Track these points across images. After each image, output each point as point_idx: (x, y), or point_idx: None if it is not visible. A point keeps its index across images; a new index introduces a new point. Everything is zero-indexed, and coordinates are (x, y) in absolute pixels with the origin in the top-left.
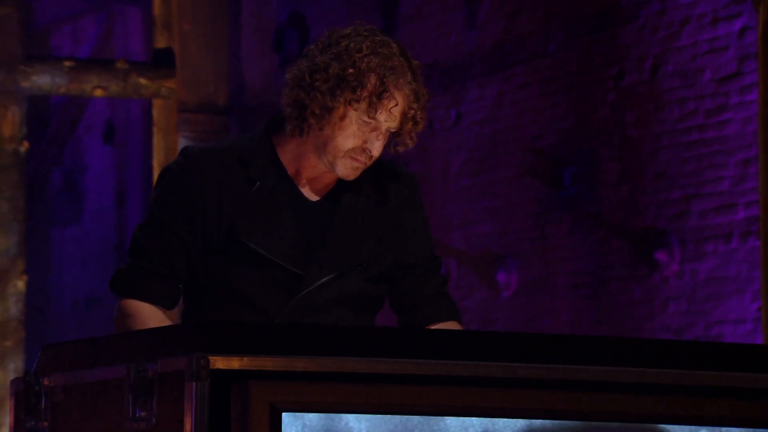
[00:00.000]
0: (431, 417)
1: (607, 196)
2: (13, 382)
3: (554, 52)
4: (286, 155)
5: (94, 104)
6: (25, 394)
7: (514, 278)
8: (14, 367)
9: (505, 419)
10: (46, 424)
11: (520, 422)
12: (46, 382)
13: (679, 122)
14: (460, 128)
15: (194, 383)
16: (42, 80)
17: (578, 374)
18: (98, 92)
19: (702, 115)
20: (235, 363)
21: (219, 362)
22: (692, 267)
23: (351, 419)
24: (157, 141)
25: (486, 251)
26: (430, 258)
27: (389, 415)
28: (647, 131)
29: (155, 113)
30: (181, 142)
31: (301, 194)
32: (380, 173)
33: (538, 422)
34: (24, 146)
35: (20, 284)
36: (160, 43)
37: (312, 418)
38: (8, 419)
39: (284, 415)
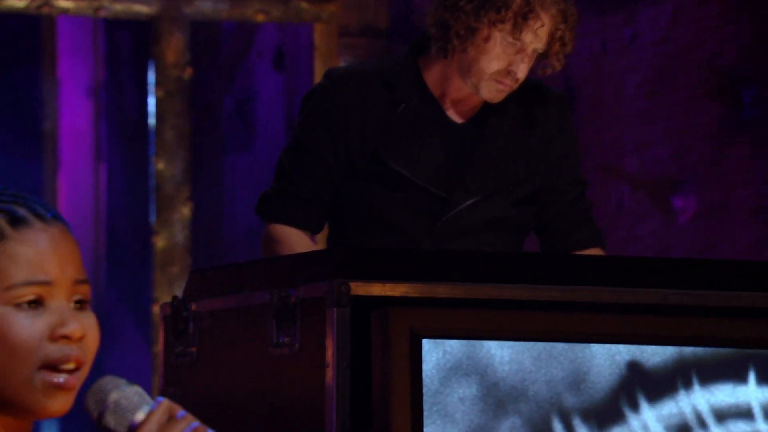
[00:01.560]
0: (576, 344)
1: None
2: (162, 307)
3: None
4: (432, 77)
5: (265, 30)
6: (173, 320)
7: (691, 203)
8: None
9: (653, 346)
10: (194, 349)
11: (669, 350)
12: (193, 307)
13: None
14: (635, 48)
15: (335, 309)
16: (204, 6)
17: (732, 300)
18: (260, 17)
19: None
20: (375, 289)
21: (360, 288)
22: None
23: (493, 346)
24: (319, 66)
25: (661, 176)
26: (578, 182)
27: (533, 343)
28: None
29: (316, 38)
30: None
31: (447, 117)
32: (528, 94)
33: (688, 350)
34: (187, 72)
35: (186, 211)
36: None
37: (453, 344)
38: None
39: (424, 341)
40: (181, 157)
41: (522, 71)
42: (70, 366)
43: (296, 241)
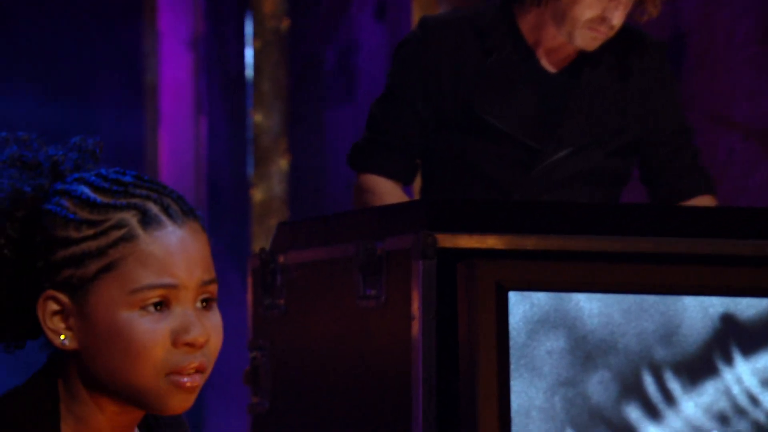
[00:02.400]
0: (668, 297)
1: None
2: (251, 259)
3: None
4: (526, 25)
5: None
6: (261, 272)
7: None
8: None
9: (748, 299)
10: (281, 301)
11: (765, 302)
12: (281, 259)
13: None
14: None
15: (421, 262)
16: None
17: None
18: None
19: None
20: (462, 241)
21: (446, 240)
22: None
23: (582, 299)
24: (417, 16)
25: None
26: (681, 130)
27: (623, 295)
28: None
29: None
30: None
31: (540, 66)
32: (625, 43)
33: None
34: (285, 23)
35: (283, 163)
36: None
37: (540, 297)
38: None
39: (511, 294)
40: (278, 109)
41: (617, 18)
42: (192, 372)
43: (386, 191)
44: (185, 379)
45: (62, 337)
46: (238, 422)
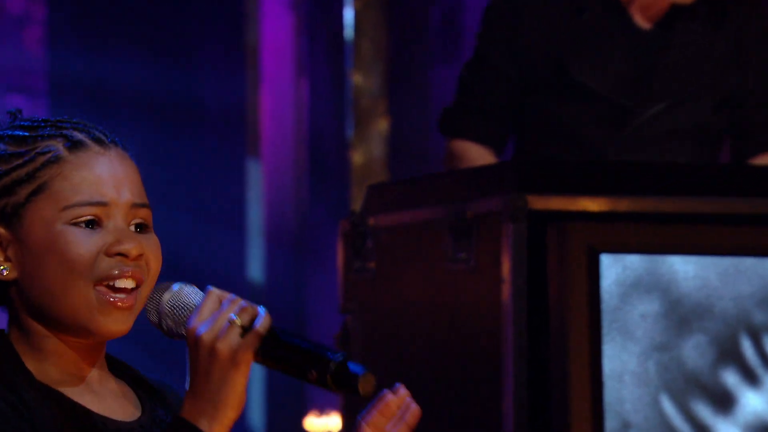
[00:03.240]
0: (766, 259)
1: None
2: (341, 223)
3: None
4: None
5: None
6: (352, 235)
7: None
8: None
9: None
10: (372, 264)
11: None
12: (371, 222)
13: None
14: None
15: (511, 224)
16: None
17: None
18: None
19: None
20: (553, 203)
21: (537, 202)
22: None
23: (676, 261)
24: None
25: None
26: None
27: (719, 257)
28: None
29: None
30: None
31: (633, 23)
32: None
33: None
34: None
35: (383, 125)
36: None
37: (633, 260)
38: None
39: (603, 256)
40: (379, 70)
41: None
42: (128, 284)
43: (476, 157)
44: (116, 296)
45: (2, 267)
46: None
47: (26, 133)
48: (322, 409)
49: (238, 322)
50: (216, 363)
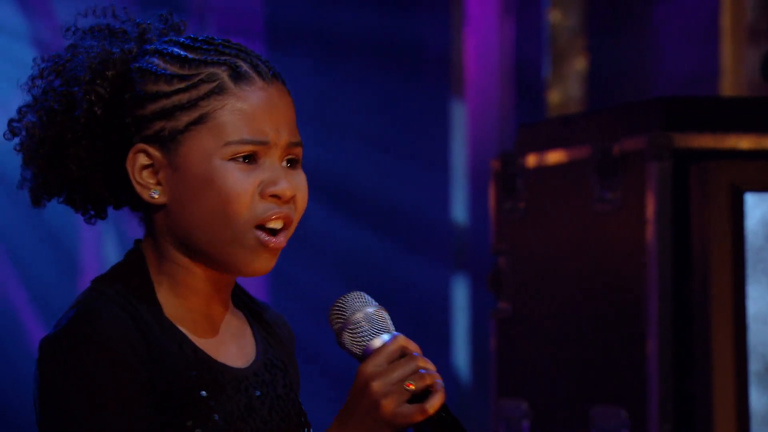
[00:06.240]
0: None
1: None
2: (492, 162)
3: None
4: None
5: None
6: (503, 175)
7: None
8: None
9: None
10: (522, 204)
11: None
12: (522, 162)
13: None
14: None
15: (655, 163)
16: None
17: None
18: None
19: None
20: (698, 141)
21: (682, 140)
22: None
23: None
24: None
25: None
26: None
27: None
28: None
29: None
30: None
31: None
32: None
33: None
34: None
35: (581, 63)
36: None
37: None
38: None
39: (747, 195)
40: (577, 4)
41: None
42: (278, 225)
43: None
44: (271, 238)
45: (152, 190)
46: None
47: (189, 55)
48: None
49: (413, 387)
50: (374, 415)
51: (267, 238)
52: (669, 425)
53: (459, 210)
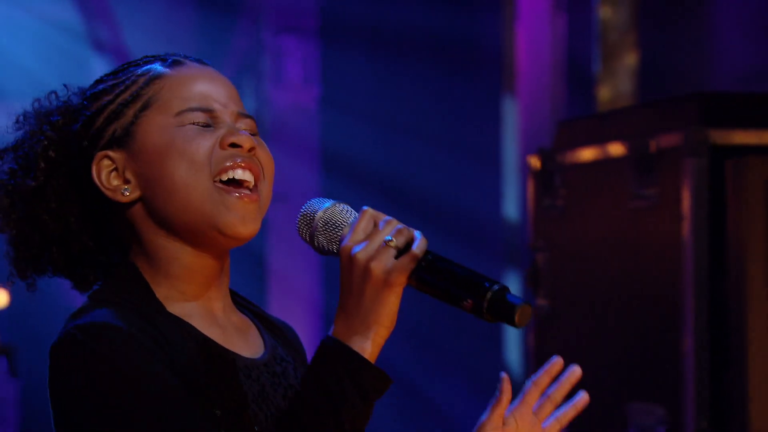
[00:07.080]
0: None
1: None
2: (530, 159)
3: None
4: None
5: None
6: (540, 172)
7: None
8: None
9: None
10: (560, 201)
11: None
12: (560, 159)
13: None
14: None
15: (691, 159)
16: None
17: None
18: None
19: None
20: (736, 137)
21: (719, 137)
22: None
23: None
24: None
25: None
26: None
27: None
28: None
29: None
30: None
31: None
32: None
33: None
34: None
35: (631, 59)
36: None
37: None
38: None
39: None
40: (628, 2)
41: None
42: (246, 176)
43: None
44: (240, 189)
45: (122, 189)
46: None
47: (119, 70)
48: None
49: (393, 243)
50: (369, 283)
51: (237, 192)
52: (705, 422)
53: (510, 206)
